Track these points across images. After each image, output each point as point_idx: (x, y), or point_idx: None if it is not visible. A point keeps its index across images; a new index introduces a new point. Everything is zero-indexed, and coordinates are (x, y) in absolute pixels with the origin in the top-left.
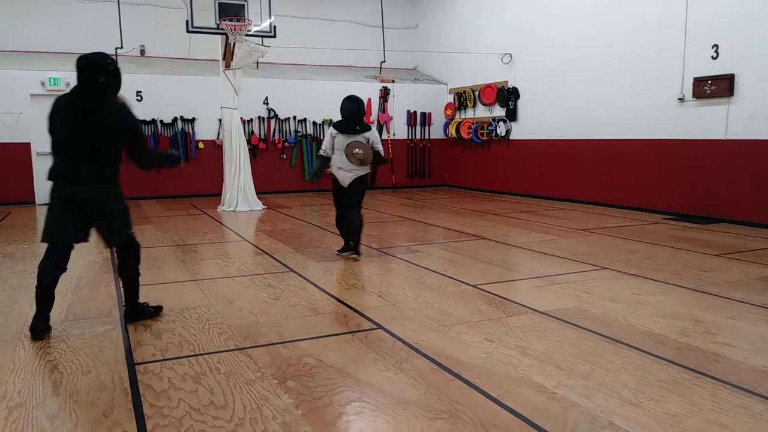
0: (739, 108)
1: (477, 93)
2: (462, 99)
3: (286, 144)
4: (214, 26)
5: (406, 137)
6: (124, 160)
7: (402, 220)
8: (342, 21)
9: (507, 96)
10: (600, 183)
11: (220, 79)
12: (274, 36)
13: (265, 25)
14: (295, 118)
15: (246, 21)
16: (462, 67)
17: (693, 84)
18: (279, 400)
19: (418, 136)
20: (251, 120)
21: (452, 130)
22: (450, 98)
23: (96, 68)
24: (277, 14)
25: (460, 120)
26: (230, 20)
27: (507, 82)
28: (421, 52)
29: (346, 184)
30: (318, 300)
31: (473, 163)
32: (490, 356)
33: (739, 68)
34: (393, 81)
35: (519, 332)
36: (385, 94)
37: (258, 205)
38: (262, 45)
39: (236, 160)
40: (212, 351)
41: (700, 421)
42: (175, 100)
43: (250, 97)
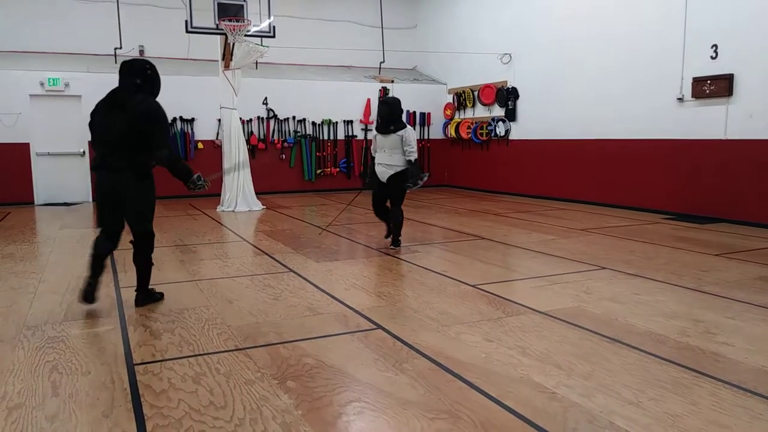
0: (738, 108)
1: (476, 93)
2: (461, 99)
3: (286, 144)
4: (214, 26)
5: None
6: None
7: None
8: (341, 21)
9: (506, 96)
10: (599, 183)
11: (220, 80)
12: (274, 36)
13: (264, 25)
14: (294, 118)
15: (245, 21)
16: (461, 67)
17: (692, 84)
18: (279, 401)
19: (418, 136)
20: (250, 120)
21: (451, 130)
22: (449, 98)
23: (134, 71)
24: (276, 14)
25: (459, 120)
26: (229, 20)
27: (506, 82)
28: (420, 52)
29: (384, 180)
30: (318, 300)
31: (472, 163)
32: (489, 356)
33: (739, 68)
34: (392, 81)
35: (519, 332)
36: (384, 94)
37: (257, 206)
38: (261, 45)
39: (236, 160)
40: (212, 351)
41: (700, 421)
42: (174, 100)
43: (250, 97)
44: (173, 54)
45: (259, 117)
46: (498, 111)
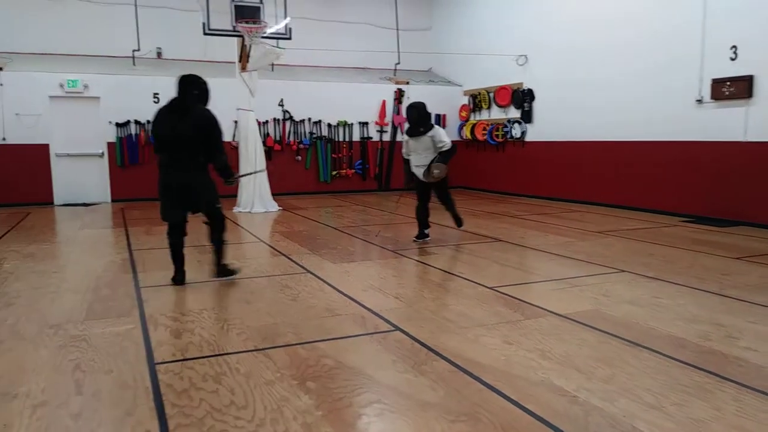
0: (758, 109)
1: (492, 95)
2: (477, 101)
3: (301, 145)
4: (231, 28)
5: None
6: None
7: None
8: (357, 23)
9: (522, 98)
10: (617, 185)
11: (236, 81)
12: (290, 38)
13: (280, 26)
14: (310, 119)
15: (262, 23)
16: (476, 68)
17: (711, 85)
18: (299, 401)
19: None
20: (267, 122)
21: (467, 132)
22: (465, 100)
23: (191, 83)
24: (292, 16)
25: (474, 122)
26: (246, 22)
27: (522, 83)
28: (435, 54)
29: (425, 178)
30: (335, 301)
31: (488, 165)
32: (509, 359)
33: (758, 69)
34: (407, 83)
35: (538, 335)
36: (399, 95)
37: (273, 207)
38: (277, 47)
39: (252, 161)
40: (231, 351)
41: (723, 426)
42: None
43: (266, 99)
44: (190, 56)
45: (275, 118)
46: (514, 113)
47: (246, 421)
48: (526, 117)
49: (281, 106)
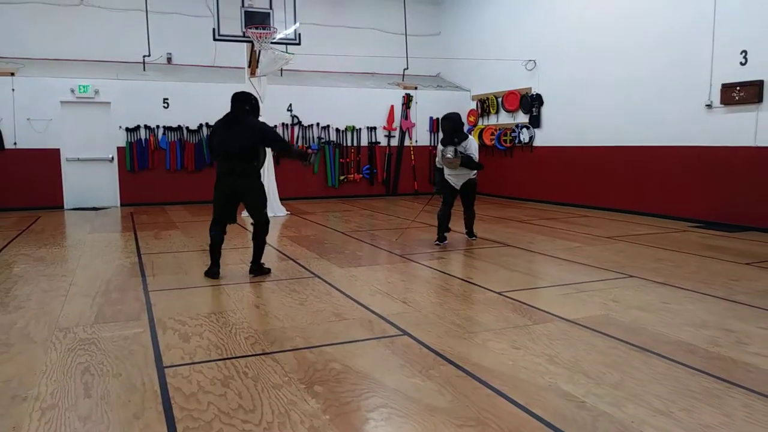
0: None
1: (500, 99)
2: (485, 106)
3: (310, 150)
4: (240, 34)
5: (428, 144)
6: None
7: (424, 226)
8: (365, 28)
9: (530, 102)
10: (625, 190)
11: (246, 87)
12: (299, 43)
13: (289, 32)
14: (318, 124)
15: (271, 29)
16: (485, 73)
17: (721, 90)
18: (306, 405)
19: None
20: (275, 126)
21: (475, 137)
22: (473, 105)
23: (243, 100)
24: (301, 22)
25: (483, 126)
26: (256, 28)
27: (530, 88)
28: (443, 59)
29: (458, 187)
30: (343, 306)
31: (496, 170)
32: (517, 364)
33: None
34: (416, 88)
35: (546, 340)
36: (407, 100)
37: (281, 211)
38: (286, 52)
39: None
40: (240, 355)
41: None
42: (201, 107)
43: (275, 104)
44: (200, 62)
45: (283, 123)
46: (522, 118)
47: (254, 424)
48: (535, 122)
49: (290, 111)
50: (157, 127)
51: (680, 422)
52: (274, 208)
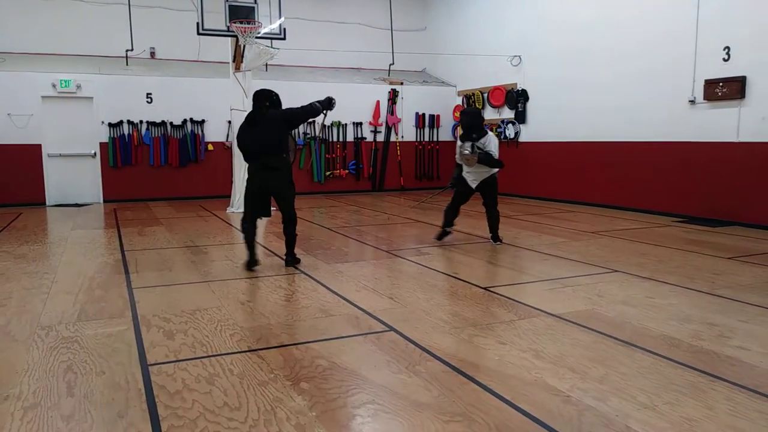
0: (750, 110)
1: (486, 95)
2: (471, 101)
3: (295, 146)
4: (224, 28)
5: (414, 139)
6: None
7: (411, 222)
8: (351, 23)
9: (516, 98)
10: (610, 186)
11: (230, 81)
12: (284, 38)
13: (274, 26)
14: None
15: (256, 23)
16: (471, 69)
17: (704, 86)
18: (293, 402)
19: (427, 138)
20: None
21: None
22: (458, 100)
23: (264, 97)
24: (286, 16)
25: None
26: (240, 22)
27: (516, 84)
28: (429, 54)
29: (474, 186)
30: (329, 302)
31: None
32: (503, 359)
33: (751, 70)
34: (401, 83)
35: (531, 335)
36: (393, 96)
37: None
38: (271, 47)
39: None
40: (225, 352)
41: (716, 425)
42: (184, 102)
43: None
44: (184, 56)
45: None
46: (508, 113)
47: (239, 422)
48: (520, 117)
49: None
50: (141, 122)
51: (664, 416)
52: None
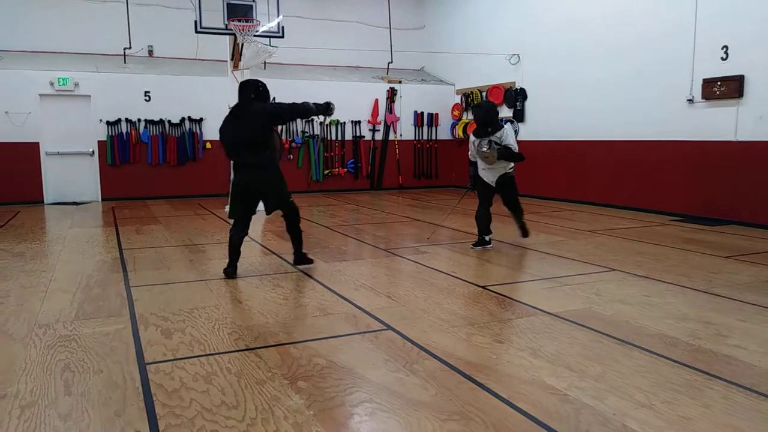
0: (748, 109)
1: (484, 94)
2: (469, 100)
3: (293, 144)
4: (223, 27)
5: (413, 138)
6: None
7: (409, 220)
8: (349, 21)
9: (514, 97)
10: (608, 184)
11: (229, 80)
12: (282, 36)
13: (272, 25)
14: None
15: (254, 21)
16: (469, 67)
17: (702, 85)
18: (290, 401)
19: (425, 137)
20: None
21: (459, 131)
22: (457, 99)
23: (248, 87)
24: (284, 14)
25: (467, 121)
26: (238, 20)
27: (514, 82)
28: (428, 53)
29: (492, 183)
30: (327, 300)
31: None
32: (500, 357)
33: (749, 69)
34: (400, 81)
35: (529, 333)
36: (392, 94)
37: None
38: (270, 45)
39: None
40: (223, 351)
41: (713, 424)
42: (183, 100)
43: None
44: (182, 54)
45: None
46: (506, 112)
47: (237, 420)
48: (519, 116)
49: None
50: (139, 120)
51: (661, 414)
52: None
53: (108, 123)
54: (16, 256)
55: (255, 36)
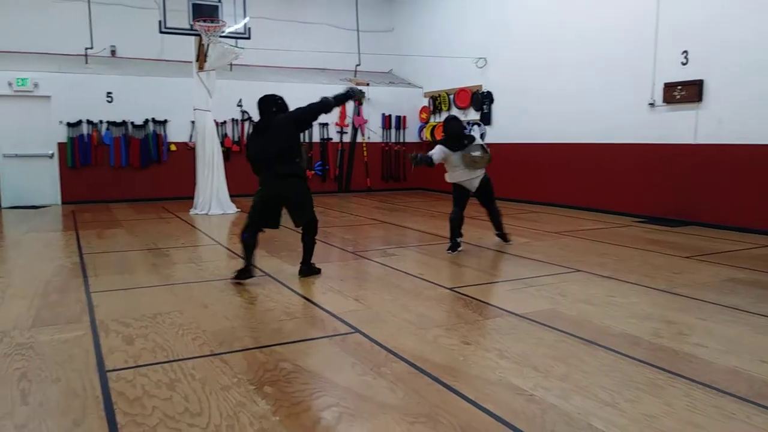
0: (707, 113)
1: (452, 97)
2: (437, 102)
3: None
4: (188, 27)
5: (381, 140)
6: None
7: (377, 223)
8: (317, 23)
9: (481, 100)
10: (572, 186)
11: (194, 81)
12: (249, 38)
13: (239, 26)
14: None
15: (220, 22)
16: (437, 70)
17: (663, 89)
18: (256, 406)
19: (393, 140)
20: (224, 122)
21: (427, 134)
22: (425, 102)
23: (268, 103)
24: (251, 16)
25: (435, 123)
26: (204, 21)
27: (481, 86)
28: (396, 56)
29: (474, 189)
30: (294, 304)
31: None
32: (467, 359)
33: (708, 74)
34: (368, 84)
35: (496, 335)
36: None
37: (231, 208)
38: (236, 47)
39: (209, 162)
40: (187, 357)
41: (675, 421)
42: (146, 101)
43: (224, 99)
44: (146, 55)
45: (233, 119)
46: (473, 115)
47: (200, 428)
48: (486, 119)
49: (240, 106)
50: (101, 122)
51: (625, 413)
52: (224, 206)
53: (68, 124)
54: None
55: (221, 37)
